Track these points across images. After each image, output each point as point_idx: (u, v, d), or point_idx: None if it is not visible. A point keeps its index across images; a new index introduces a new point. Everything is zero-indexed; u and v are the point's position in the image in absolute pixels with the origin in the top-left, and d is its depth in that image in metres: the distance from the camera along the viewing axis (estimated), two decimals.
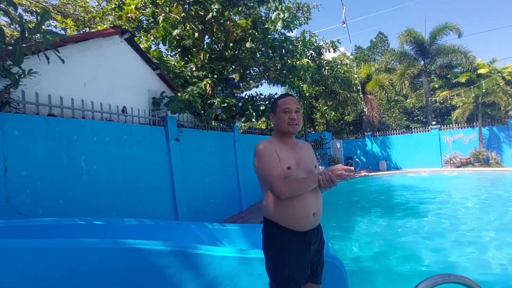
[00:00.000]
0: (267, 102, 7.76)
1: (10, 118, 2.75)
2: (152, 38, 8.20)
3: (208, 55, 7.42)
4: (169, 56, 8.91)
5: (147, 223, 2.55)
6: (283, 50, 6.81)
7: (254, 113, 6.79)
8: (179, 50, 7.98)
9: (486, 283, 2.98)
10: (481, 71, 14.21)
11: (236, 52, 7.65)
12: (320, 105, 15.23)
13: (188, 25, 7.56)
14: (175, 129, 5.12)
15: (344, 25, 8.54)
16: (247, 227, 2.94)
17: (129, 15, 7.29)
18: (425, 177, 11.91)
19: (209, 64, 6.97)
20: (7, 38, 2.22)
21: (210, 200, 5.89)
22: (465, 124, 13.92)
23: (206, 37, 7.72)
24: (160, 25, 7.22)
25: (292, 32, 6.72)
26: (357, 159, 15.69)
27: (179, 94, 5.16)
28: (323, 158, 14.62)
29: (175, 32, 7.47)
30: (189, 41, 7.60)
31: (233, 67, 7.62)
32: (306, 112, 13.97)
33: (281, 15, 5.99)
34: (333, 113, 15.93)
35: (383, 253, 4.15)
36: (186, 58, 7.99)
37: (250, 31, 7.13)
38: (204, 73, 6.94)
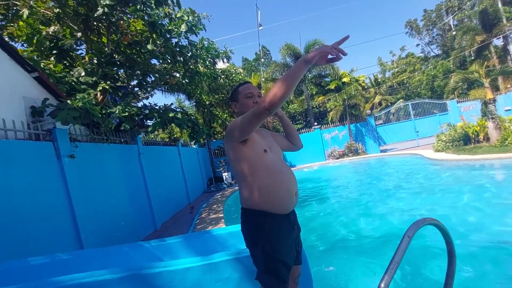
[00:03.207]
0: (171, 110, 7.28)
1: None
2: (7, 39, 6.39)
3: (96, 58, 6.42)
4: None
5: (64, 258, 1.95)
6: (186, 56, 6.57)
7: (160, 122, 6.24)
8: (54, 52, 6.59)
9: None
10: (345, 79, 17.57)
11: (132, 56, 6.91)
12: (220, 113, 15.48)
13: (65, 24, 6.36)
14: (68, 144, 4.19)
15: (261, 27, 9.10)
16: (189, 236, 2.65)
17: None
18: (317, 170, 13.72)
19: (101, 68, 6.05)
20: None
21: (120, 223, 5.07)
22: (338, 123, 16.84)
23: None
24: (21, 23, 5.77)
25: (197, 36, 6.58)
26: None
27: (69, 101, 4.25)
28: (228, 165, 14.85)
29: (50, 30, 6.17)
30: (69, 41, 6.40)
31: (130, 72, 6.85)
32: (207, 120, 13.93)
33: (186, 17, 5.76)
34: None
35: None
36: (65, 62, 6.69)
37: (146, 33, 6.58)
38: (94, 79, 5.95)
